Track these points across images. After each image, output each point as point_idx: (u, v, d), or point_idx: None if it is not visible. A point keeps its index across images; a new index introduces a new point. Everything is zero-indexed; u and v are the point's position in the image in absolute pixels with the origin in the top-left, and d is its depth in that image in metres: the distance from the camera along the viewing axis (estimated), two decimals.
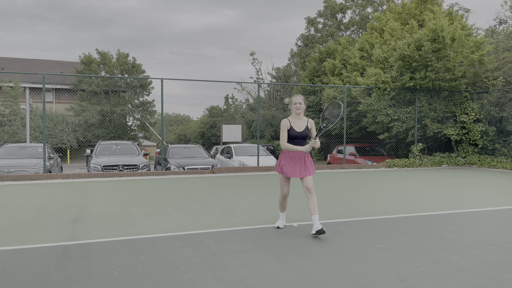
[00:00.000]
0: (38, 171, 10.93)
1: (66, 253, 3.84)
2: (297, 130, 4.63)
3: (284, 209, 4.92)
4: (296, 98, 4.68)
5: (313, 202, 4.48)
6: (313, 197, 4.51)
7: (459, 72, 13.66)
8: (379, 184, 9.26)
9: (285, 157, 4.69)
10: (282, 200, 4.84)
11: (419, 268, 3.41)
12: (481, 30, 18.49)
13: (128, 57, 30.01)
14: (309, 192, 4.51)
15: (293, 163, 4.63)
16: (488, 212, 5.88)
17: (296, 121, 4.67)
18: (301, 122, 4.67)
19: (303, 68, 29.06)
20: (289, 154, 4.67)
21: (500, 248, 4.01)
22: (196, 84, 33.56)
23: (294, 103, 4.67)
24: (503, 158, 13.65)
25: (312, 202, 4.48)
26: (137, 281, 3.12)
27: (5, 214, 5.74)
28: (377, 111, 14.44)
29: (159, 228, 4.88)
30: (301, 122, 4.67)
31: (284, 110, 32.07)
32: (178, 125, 59.85)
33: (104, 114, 27.79)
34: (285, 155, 4.70)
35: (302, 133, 4.63)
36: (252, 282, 3.10)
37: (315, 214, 4.44)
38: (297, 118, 4.68)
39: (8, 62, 33.81)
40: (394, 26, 15.79)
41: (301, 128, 4.64)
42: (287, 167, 4.63)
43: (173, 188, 8.50)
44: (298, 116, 4.68)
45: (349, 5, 30.45)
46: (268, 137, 30.57)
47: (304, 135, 4.64)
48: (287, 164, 4.64)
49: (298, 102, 4.64)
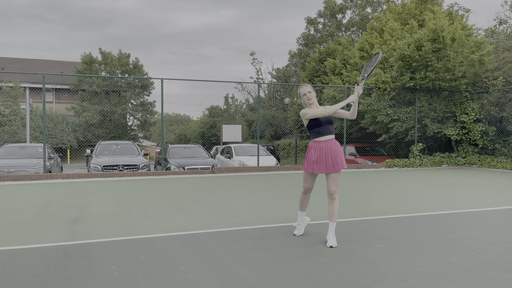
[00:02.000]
0: (38, 171, 10.93)
1: (66, 253, 3.84)
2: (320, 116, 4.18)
3: (303, 208, 4.44)
4: (303, 89, 4.25)
5: (332, 208, 4.11)
6: (335, 202, 4.11)
7: (459, 72, 13.66)
8: (379, 184, 9.25)
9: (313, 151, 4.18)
10: (302, 197, 4.39)
11: (419, 268, 3.41)
12: (481, 30, 18.50)
13: (129, 58, 30.03)
14: (331, 196, 4.12)
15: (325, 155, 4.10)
16: (488, 212, 5.87)
17: (314, 109, 4.22)
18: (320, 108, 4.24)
19: (303, 68, 29.05)
20: (318, 146, 4.15)
21: (500, 248, 4.01)
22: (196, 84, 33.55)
23: (304, 94, 4.24)
24: (503, 158, 13.65)
25: (331, 208, 4.12)
26: (137, 281, 3.12)
27: (5, 214, 5.74)
28: (377, 111, 14.45)
29: (159, 228, 4.87)
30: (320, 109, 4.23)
31: (284, 110, 32.07)
32: (178, 125, 59.87)
33: (104, 114, 27.79)
34: (313, 149, 4.18)
35: (327, 118, 4.18)
36: (252, 282, 3.10)
37: (333, 221, 4.12)
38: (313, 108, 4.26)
39: (8, 62, 33.80)
40: (394, 26, 15.79)
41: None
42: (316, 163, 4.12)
43: (173, 188, 8.50)
44: (312, 107, 4.26)
45: (349, 5, 30.45)
46: (268, 137, 30.57)
47: (329, 119, 4.19)
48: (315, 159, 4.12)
49: (307, 92, 4.22)
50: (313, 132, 4.23)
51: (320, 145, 4.15)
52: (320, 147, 4.14)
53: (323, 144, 4.14)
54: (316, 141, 4.20)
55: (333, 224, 4.12)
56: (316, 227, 4.89)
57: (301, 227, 4.50)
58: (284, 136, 30.76)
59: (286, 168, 13.19)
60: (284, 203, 6.60)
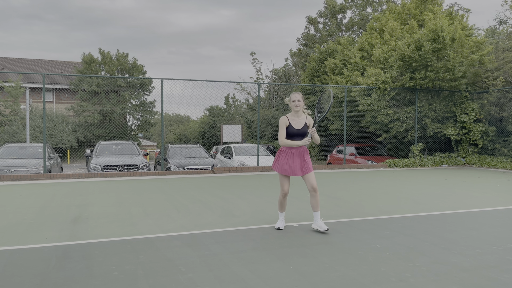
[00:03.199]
0: (38, 171, 10.93)
1: (66, 253, 3.84)
2: (295, 127, 4.62)
3: (283, 209, 4.86)
4: (294, 95, 4.67)
5: (316, 200, 4.58)
6: (317, 195, 4.60)
7: (459, 72, 13.66)
8: (379, 184, 9.25)
9: (284, 154, 4.66)
10: (282, 199, 4.77)
11: (419, 268, 3.41)
12: (481, 30, 18.50)
13: (128, 57, 30.02)
14: (314, 190, 4.58)
15: (292, 160, 4.60)
16: (488, 212, 5.88)
17: (295, 118, 4.67)
18: (300, 119, 4.67)
19: (303, 68, 29.06)
20: (288, 151, 4.64)
21: (500, 248, 4.01)
22: (196, 84, 33.53)
23: (293, 101, 4.65)
24: (503, 158, 13.65)
25: (315, 200, 4.58)
26: (137, 281, 3.12)
27: (5, 214, 5.74)
28: (377, 111, 14.45)
29: (159, 228, 4.87)
30: (300, 120, 4.67)
31: (284, 110, 32.06)
32: (178, 125, 59.89)
33: (104, 114, 27.80)
34: (284, 153, 4.66)
35: (301, 131, 4.61)
36: (252, 282, 3.10)
37: (317, 211, 4.61)
38: (296, 116, 4.68)
39: (8, 62, 33.81)
40: (394, 26, 15.79)
41: (300, 126, 4.63)
42: (287, 165, 4.60)
43: (173, 188, 8.50)
44: (297, 114, 4.68)
45: (349, 5, 30.45)
46: (268, 137, 30.58)
47: (303, 132, 4.62)
48: (286, 162, 4.61)
49: (296, 100, 4.63)
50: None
51: (291, 151, 4.65)
52: (290, 152, 4.64)
53: (294, 150, 4.64)
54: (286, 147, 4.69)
55: (318, 213, 4.66)
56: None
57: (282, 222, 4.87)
58: None
59: None
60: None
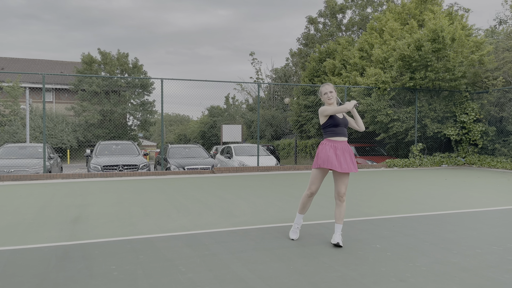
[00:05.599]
0: (38, 171, 10.93)
1: (66, 253, 3.84)
2: (339, 116, 4.15)
3: (305, 211, 4.31)
4: (325, 87, 4.20)
5: (341, 211, 4.09)
6: (344, 204, 4.11)
7: (459, 72, 13.66)
8: (379, 184, 9.26)
9: (329, 147, 4.06)
10: (306, 200, 4.22)
11: (419, 268, 3.41)
12: (481, 30, 18.51)
13: (128, 57, 30.03)
14: (342, 198, 4.08)
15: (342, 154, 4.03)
16: (488, 212, 5.87)
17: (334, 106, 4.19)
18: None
19: (303, 68, 29.06)
20: (333, 144, 4.07)
21: (500, 248, 4.01)
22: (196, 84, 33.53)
23: (325, 93, 4.19)
24: (503, 158, 13.65)
25: (341, 210, 4.09)
26: (137, 281, 3.12)
27: (5, 214, 5.74)
28: (377, 111, 14.45)
29: (159, 228, 4.87)
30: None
31: (284, 110, 32.06)
32: (178, 125, 59.90)
33: (104, 114, 27.80)
34: (328, 146, 4.06)
35: (343, 120, 4.15)
36: (252, 282, 3.10)
37: (341, 224, 4.10)
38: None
39: (8, 62, 33.81)
40: (394, 26, 15.79)
41: (341, 115, 4.19)
42: (334, 159, 3.98)
43: (173, 188, 8.50)
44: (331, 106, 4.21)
45: (349, 5, 30.45)
46: (268, 137, 30.58)
47: (346, 122, 4.17)
48: (333, 156, 3.99)
49: (328, 91, 4.17)
50: (328, 132, 4.15)
51: (335, 144, 4.07)
52: (335, 146, 4.06)
53: (338, 144, 4.07)
54: (331, 140, 4.11)
55: (341, 226, 4.10)
56: (316, 227, 4.88)
57: (298, 231, 4.36)
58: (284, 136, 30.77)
59: (286, 168, 13.19)
60: (284, 203, 6.60)
